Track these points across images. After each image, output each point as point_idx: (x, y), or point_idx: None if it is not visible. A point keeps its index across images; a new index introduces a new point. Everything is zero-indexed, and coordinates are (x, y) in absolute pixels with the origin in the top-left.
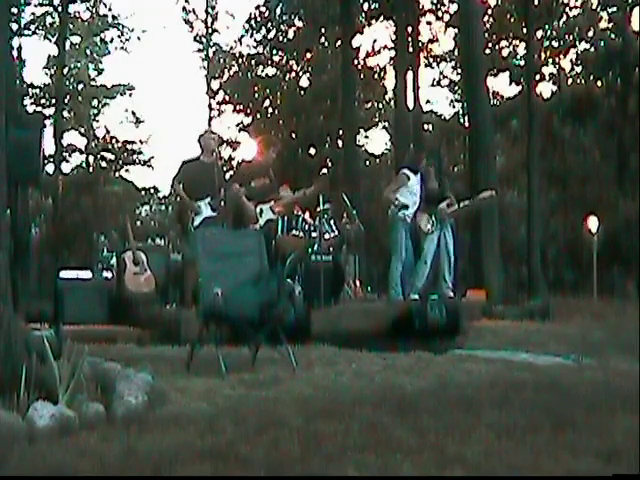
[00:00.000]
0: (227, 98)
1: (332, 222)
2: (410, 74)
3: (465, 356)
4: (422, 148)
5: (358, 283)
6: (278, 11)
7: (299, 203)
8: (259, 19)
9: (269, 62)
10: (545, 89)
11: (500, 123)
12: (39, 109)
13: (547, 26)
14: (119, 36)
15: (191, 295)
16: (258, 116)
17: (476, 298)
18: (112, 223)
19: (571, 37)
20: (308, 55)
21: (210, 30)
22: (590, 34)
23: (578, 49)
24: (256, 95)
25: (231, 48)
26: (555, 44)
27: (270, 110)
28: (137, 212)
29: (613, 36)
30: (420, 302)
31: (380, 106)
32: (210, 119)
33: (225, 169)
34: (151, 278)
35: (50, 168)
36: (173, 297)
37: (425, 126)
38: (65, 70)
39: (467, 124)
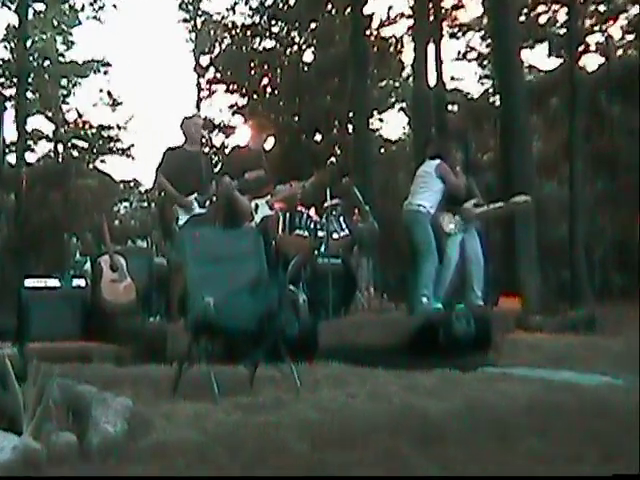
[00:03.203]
0: (218, 76)
1: (342, 219)
2: (431, 46)
3: (497, 375)
4: (445, 132)
5: (372, 290)
6: None
7: (296, 197)
8: None
9: (267, 34)
10: (590, 61)
11: (537, 102)
12: None
13: None
14: (91, 3)
15: (178, 305)
16: (255, 97)
17: (509, 307)
18: (86, 222)
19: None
20: (312, 25)
21: None
22: None
23: (629, 14)
24: (252, 72)
25: (223, 18)
26: (602, 8)
27: (269, 90)
28: (115, 209)
29: None
30: (444, 312)
31: (397, 84)
32: (199, 100)
33: (217, 159)
34: (132, 286)
35: (12, 158)
36: (157, 308)
37: (449, 106)
38: (28, 43)
39: (498, 104)
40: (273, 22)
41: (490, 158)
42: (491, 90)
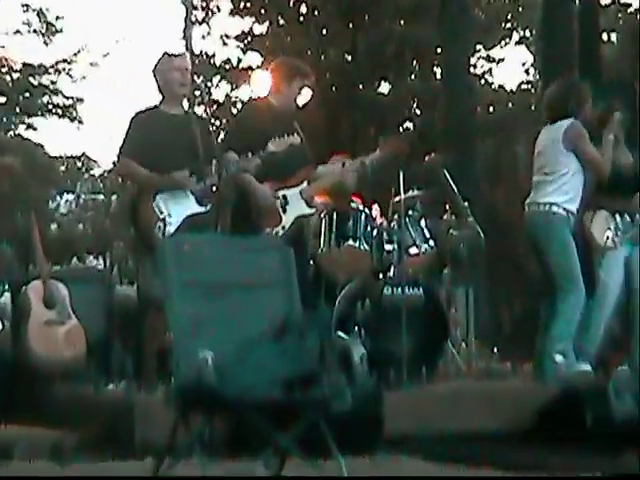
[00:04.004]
0: None
1: (423, 223)
2: None
3: None
4: (598, 77)
5: (474, 340)
6: None
7: (349, 184)
8: None
9: None
10: None
11: None
12: None
13: None
14: None
15: (155, 363)
16: (280, 21)
17: None
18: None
19: None
20: None
21: None
22: None
23: None
24: None
25: None
26: None
27: (303, 9)
28: (52, 205)
29: None
30: (595, 380)
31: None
32: (187, 26)
33: (220, 123)
34: (78, 332)
35: None
36: (120, 368)
37: (605, 34)
38: None
39: None
40: None
41: None
42: None
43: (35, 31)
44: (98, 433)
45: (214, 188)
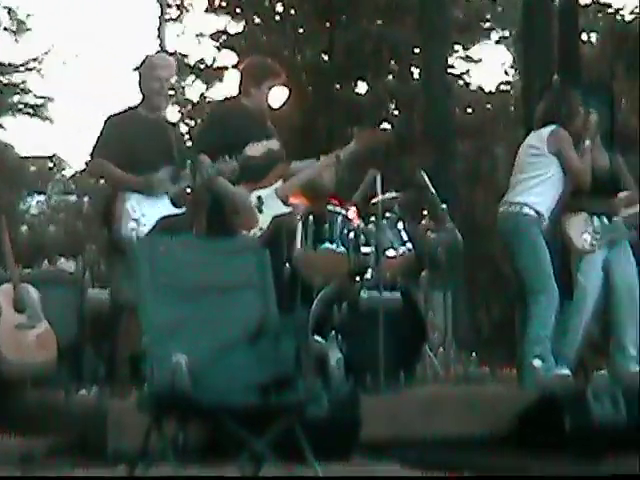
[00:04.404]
0: None
1: (400, 226)
2: None
3: None
4: (577, 79)
5: (452, 344)
6: None
7: (325, 184)
8: None
9: None
10: None
11: None
12: None
13: None
14: None
15: (128, 367)
16: (254, 19)
17: None
18: None
19: None
20: None
21: None
22: None
23: None
24: None
25: None
26: None
27: (279, 7)
28: (21, 207)
29: None
30: (574, 385)
31: None
32: (162, 24)
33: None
34: (49, 336)
35: None
36: (92, 373)
37: (584, 34)
38: None
39: None
40: None
41: None
42: None
43: (5, 29)
44: (69, 440)
45: (189, 190)
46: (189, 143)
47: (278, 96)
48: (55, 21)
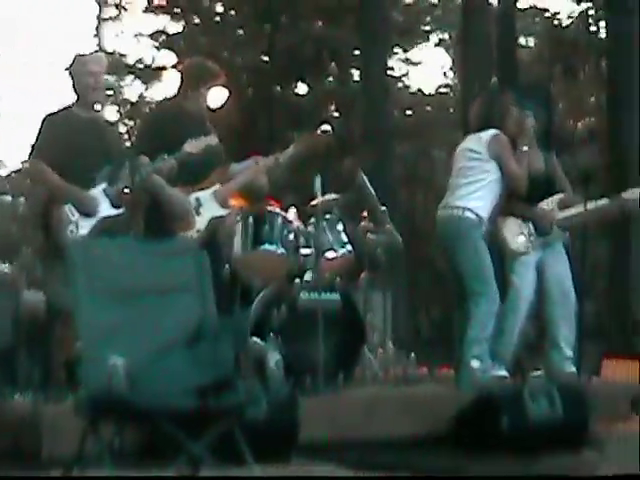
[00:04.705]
0: None
1: (340, 227)
2: None
3: None
4: (515, 82)
5: (391, 346)
6: None
7: (264, 185)
8: None
9: None
10: None
11: None
12: None
13: None
14: None
15: (64, 371)
16: (194, 19)
17: (622, 377)
18: None
19: None
20: None
21: None
22: None
23: None
24: None
25: None
26: None
27: (219, 8)
28: None
29: None
30: (510, 385)
31: (434, 0)
32: (100, 24)
33: (132, 125)
34: None
35: None
36: (27, 377)
37: (522, 37)
38: None
39: (602, 31)
40: None
41: (590, 127)
42: (592, 11)
43: None
44: (4, 445)
45: (127, 191)
46: (128, 143)
47: (218, 97)
48: None
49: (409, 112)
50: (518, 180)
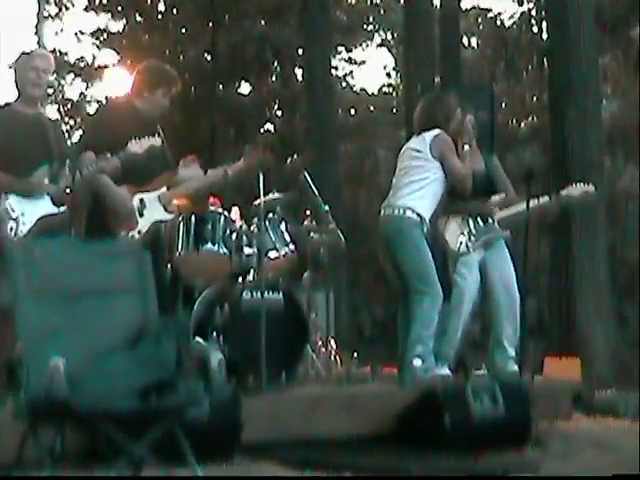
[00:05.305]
0: None
1: (283, 227)
2: None
3: None
4: (458, 82)
5: (333, 345)
6: None
7: (206, 187)
8: None
9: None
10: None
11: (612, 29)
12: None
13: None
14: None
15: (4, 374)
16: (137, 17)
17: (563, 374)
18: None
19: None
20: None
21: None
22: None
23: None
24: None
25: None
26: None
27: (161, 6)
28: None
29: None
30: (453, 383)
31: (376, 0)
32: (40, 21)
33: (72, 124)
34: None
35: None
36: None
37: (465, 37)
38: None
39: (544, 31)
40: None
41: (532, 125)
42: (534, 12)
43: None
44: None
45: (68, 190)
46: (69, 142)
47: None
48: None
49: (352, 111)
50: (462, 178)
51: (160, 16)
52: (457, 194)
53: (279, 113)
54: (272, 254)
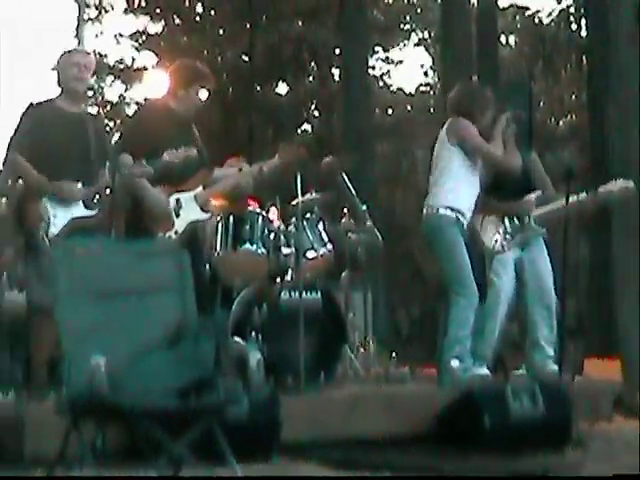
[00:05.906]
0: None
1: (321, 227)
2: None
3: None
4: (496, 80)
5: (372, 345)
6: None
7: (245, 188)
8: None
9: None
10: None
11: None
12: None
13: None
14: None
15: (46, 371)
16: (176, 20)
17: (603, 376)
18: None
19: None
20: None
21: None
22: None
23: None
24: None
25: None
26: None
27: (199, 8)
28: None
29: None
30: (491, 383)
31: (414, 0)
32: (80, 24)
33: (112, 126)
34: None
35: None
36: (8, 376)
37: (503, 36)
38: None
39: (584, 31)
40: None
41: (570, 124)
42: (573, 9)
43: None
44: None
45: (107, 191)
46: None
47: (200, 97)
48: None
49: (390, 111)
50: (490, 157)
51: (198, 18)
52: (493, 192)
53: (316, 113)
54: (310, 254)
